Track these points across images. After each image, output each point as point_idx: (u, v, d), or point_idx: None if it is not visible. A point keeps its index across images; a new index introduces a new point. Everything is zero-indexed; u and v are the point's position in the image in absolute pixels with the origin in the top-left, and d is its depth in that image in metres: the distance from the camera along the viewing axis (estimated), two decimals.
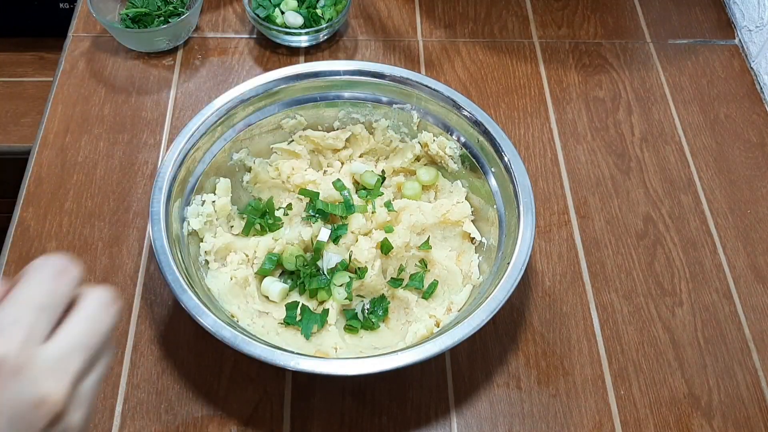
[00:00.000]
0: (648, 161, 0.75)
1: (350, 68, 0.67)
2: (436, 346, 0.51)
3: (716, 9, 0.89)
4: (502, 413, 0.58)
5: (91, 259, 0.64)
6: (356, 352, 0.58)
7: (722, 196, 0.73)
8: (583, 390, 0.60)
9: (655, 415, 0.59)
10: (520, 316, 0.63)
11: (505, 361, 0.61)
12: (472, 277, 0.62)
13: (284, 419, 0.57)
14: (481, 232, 0.65)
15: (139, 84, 0.77)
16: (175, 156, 0.59)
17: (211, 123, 0.62)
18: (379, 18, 0.85)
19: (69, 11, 0.89)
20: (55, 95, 0.76)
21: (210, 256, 0.61)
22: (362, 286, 0.61)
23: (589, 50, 0.84)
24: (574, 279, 0.66)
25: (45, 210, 0.67)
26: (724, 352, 0.63)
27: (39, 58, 1.14)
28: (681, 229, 0.70)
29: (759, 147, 0.77)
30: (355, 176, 0.68)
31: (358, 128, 0.69)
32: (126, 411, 0.57)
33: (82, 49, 0.80)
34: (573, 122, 0.77)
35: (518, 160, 0.61)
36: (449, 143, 0.67)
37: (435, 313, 0.60)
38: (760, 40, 0.82)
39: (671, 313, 0.65)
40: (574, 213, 0.71)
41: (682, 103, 0.80)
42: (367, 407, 0.58)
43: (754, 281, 0.67)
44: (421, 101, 0.66)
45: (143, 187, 0.69)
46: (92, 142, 0.72)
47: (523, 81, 0.81)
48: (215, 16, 0.84)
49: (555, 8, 0.88)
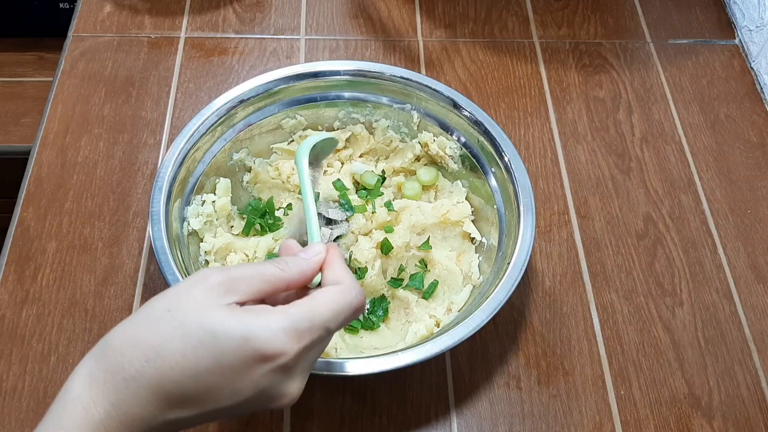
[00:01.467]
0: (648, 161, 0.75)
1: (350, 68, 0.67)
2: (436, 346, 0.51)
3: (716, 9, 0.89)
4: (502, 413, 0.58)
5: (91, 259, 0.64)
6: (356, 352, 0.58)
7: (722, 196, 0.73)
8: (584, 390, 0.60)
9: (655, 415, 0.59)
10: (521, 316, 0.63)
11: (506, 361, 0.61)
12: (472, 277, 0.62)
13: (284, 419, 0.57)
14: (482, 232, 0.65)
15: (139, 84, 0.77)
16: (175, 156, 0.59)
17: (211, 123, 0.62)
18: (379, 18, 0.85)
19: (69, 11, 0.89)
20: (55, 95, 0.76)
21: (210, 256, 0.61)
22: (362, 287, 0.61)
23: (589, 50, 0.84)
24: (575, 279, 0.66)
25: (45, 210, 0.67)
26: (724, 352, 0.63)
27: (39, 58, 1.14)
28: (681, 229, 0.70)
29: (759, 147, 0.77)
30: (355, 176, 0.68)
31: (358, 128, 0.69)
32: None
33: (82, 49, 0.80)
34: (573, 122, 0.77)
35: (518, 160, 0.61)
36: (449, 143, 0.67)
37: (435, 313, 0.60)
38: (760, 40, 0.82)
39: (671, 313, 0.65)
40: (574, 213, 0.71)
41: (682, 103, 0.80)
42: (367, 407, 0.58)
43: (754, 281, 0.67)
44: (421, 101, 0.66)
45: (143, 187, 0.69)
46: (92, 142, 0.72)
47: (524, 81, 0.81)
48: (215, 16, 0.84)
49: (555, 8, 0.88)
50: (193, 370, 0.35)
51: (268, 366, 0.36)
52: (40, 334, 0.60)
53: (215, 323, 0.36)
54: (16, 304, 0.61)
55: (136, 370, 0.35)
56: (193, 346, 0.35)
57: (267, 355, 0.36)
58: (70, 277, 0.63)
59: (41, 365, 0.58)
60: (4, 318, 0.60)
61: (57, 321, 0.60)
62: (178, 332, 0.36)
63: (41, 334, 0.60)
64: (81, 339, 0.60)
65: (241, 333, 0.36)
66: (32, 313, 0.61)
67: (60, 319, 0.61)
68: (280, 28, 0.84)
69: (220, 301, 0.37)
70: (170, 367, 0.35)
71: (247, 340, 0.36)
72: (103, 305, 0.62)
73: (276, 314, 0.37)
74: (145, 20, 0.83)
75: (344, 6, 0.86)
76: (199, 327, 0.36)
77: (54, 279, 0.63)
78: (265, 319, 0.37)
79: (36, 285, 0.62)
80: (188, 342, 0.35)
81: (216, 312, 0.36)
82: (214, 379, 0.36)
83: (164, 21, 0.83)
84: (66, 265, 0.64)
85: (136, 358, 0.35)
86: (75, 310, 0.61)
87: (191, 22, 0.83)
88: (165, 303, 0.37)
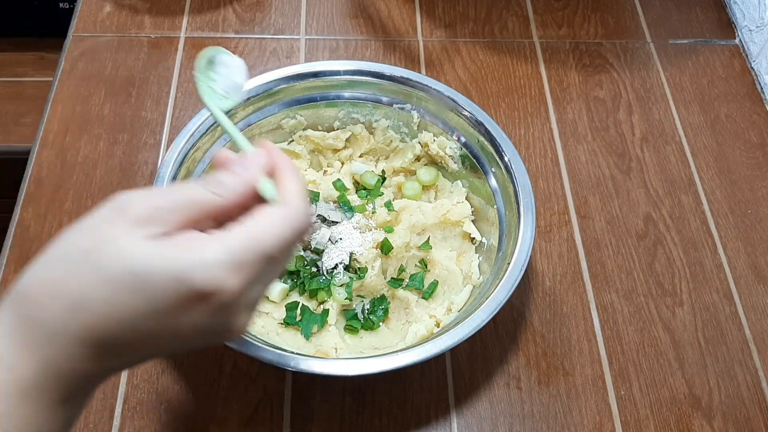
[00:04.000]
0: (648, 161, 0.75)
1: (350, 68, 0.66)
2: (436, 346, 0.51)
3: (717, 9, 0.89)
4: (503, 413, 0.58)
5: None
6: (356, 352, 0.58)
7: (723, 196, 0.73)
8: (584, 390, 0.60)
9: (655, 415, 0.59)
10: (521, 317, 0.63)
11: (506, 361, 0.61)
12: (472, 278, 0.62)
13: (284, 419, 0.57)
14: (482, 232, 0.65)
15: (139, 84, 0.77)
16: (175, 156, 0.59)
17: (211, 123, 0.62)
18: (379, 18, 0.85)
19: (69, 11, 0.89)
20: (55, 95, 0.76)
21: None
22: (362, 287, 0.61)
23: (589, 50, 0.84)
24: (575, 279, 0.66)
25: (45, 210, 0.67)
26: (724, 353, 0.63)
27: (39, 58, 1.14)
28: (681, 229, 0.70)
29: (759, 147, 0.77)
30: (355, 176, 0.68)
31: (358, 128, 0.69)
32: (126, 411, 0.57)
33: (82, 49, 0.80)
34: (573, 122, 0.77)
35: (518, 160, 0.61)
36: (449, 143, 0.67)
37: (435, 314, 0.60)
38: (760, 40, 0.82)
39: (672, 314, 0.65)
40: (574, 213, 0.70)
41: (682, 103, 0.80)
42: (367, 407, 0.58)
43: (754, 281, 0.67)
44: (422, 101, 0.66)
45: (143, 187, 0.69)
46: (92, 142, 0.72)
47: (524, 81, 0.81)
48: (215, 16, 0.84)
49: (555, 8, 0.88)
50: (123, 318, 0.32)
51: (207, 305, 0.33)
52: None
53: (141, 264, 0.31)
54: None
55: (59, 323, 0.31)
56: (118, 292, 0.31)
57: (204, 294, 0.32)
58: None
59: None
60: None
61: None
62: (98, 276, 0.32)
63: None
64: None
65: (172, 272, 0.32)
66: None
67: None
68: (280, 28, 0.84)
69: (139, 233, 0.32)
70: (96, 316, 0.31)
71: (180, 280, 0.32)
72: None
73: (210, 246, 0.33)
74: (145, 20, 0.83)
75: (344, 6, 0.86)
76: (123, 269, 0.31)
77: None
78: (199, 254, 0.32)
79: None
80: (112, 287, 0.31)
81: (139, 248, 0.32)
82: (148, 324, 0.32)
83: (164, 21, 0.83)
84: None
85: (57, 309, 0.31)
86: None
87: (191, 22, 0.83)
88: (80, 242, 0.33)
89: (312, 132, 0.69)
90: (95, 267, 0.32)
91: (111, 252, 0.32)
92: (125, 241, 0.32)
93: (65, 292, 0.32)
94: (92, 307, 0.31)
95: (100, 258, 0.32)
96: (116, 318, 0.32)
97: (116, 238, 0.32)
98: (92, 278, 0.32)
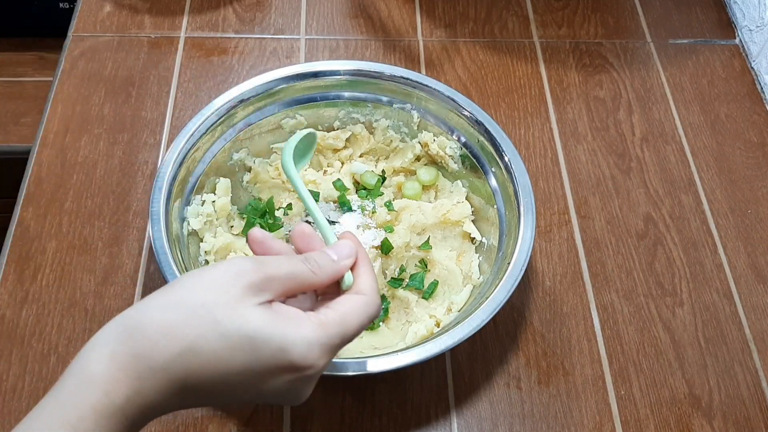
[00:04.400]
0: (648, 161, 0.75)
1: (350, 68, 0.66)
2: (436, 346, 0.51)
3: (717, 9, 0.89)
4: (503, 413, 0.58)
5: (91, 259, 0.64)
6: (356, 352, 0.58)
7: (723, 196, 0.73)
8: (584, 390, 0.60)
9: (655, 415, 0.59)
10: (521, 316, 0.63)
11: (506, 361, 0.61)
12: (472, 277, 0.62)
13: (284, 419, 0.57)
14: (482, 232, 0.65)
15: (139, 84, 0.77)
16: (175, 156, 0.59)
17: (211, 123, 0.62)
18: (379, 18, 0.85)
19: (69, 11, 0.89)
20: (55, 95, 0.76)
21: (210, 256, 0.61)
22: None
23: (589, 50, 0.84)
24: (575, 279, 0.66)
25: (45, 210, 0.67)
26: (724, 352, 0.63)
27: (39, 58, 1.14)
28: (681, 229, 0.70)
29: (759, 147, 0.77)
30: (355, 176, 0.68)
31: (358, 128, 0.69)
32: None
33: (82, 49, 0.80)
34: (573, 122, 0.77)
35: (518, 160, 0.61)
36: (449, 143, 0.67)
37: (435, 313, 0.60)
38: (760, 40, 0.82)
39: (672, 313, 0.65)
40: (574, 213, 0.70)
41: (682, 102, 0.80)
42: (367, 407, 0.58)
43: (754, 281, 0.67)
44: (422, 101, 0.66)
45: (143, 187, 0.69)
46: (92, 142, 0.72)
47: (524, 81, 0.81)
48: (215, 16, 0.84)
49: (555, 8, 0.88)
50: (223, 371, 0.36)
51: (296, 375, 0.37)
52: (40, 334, 0.60)
53: (254, 328, 0.36)
54: (15, 304, 0.61)
55: (165, 361, 0.35)
56: (229, 348, 0.35)
57: (298, 367, 0.37)
58: (70, 277, 0.63)
59: (41, 365, 0.58)
60: (3, 318, 0.60)
61: (57, 321, 0.60)
62: (215, 329, 0.35)
63: (41, 334, 0.60)
64: (81, 339, 0.60)
65: (279, 342, 0.36)
66: (32, 313, 0.61)
67: (60, 319, 0.61)
68: (280, 28, 0.84)
69: (254, 300, 0.37)
70: (201, 364, 0.35)
71: (284, 351, 0.36)
72: (103, 305, 0.62)
73: (312, 326, 0.38)
74: (145, 20, 0.83)
75: (344, 6, 0.86)
76: (238, 328, 0.36)
77: (54, 279, 0.63)
78: (304, 331, 0.37)
79: (36, 285, 0.62)
80: (225, 342, 0.35)
81: (252, 314, 0.36)
82: (240, 380, 0.36)
83: (164, 21, 0.83)
84: (66, 265, 0.64)
85: (168, 350, 0.35)
86: (75, 310, 0.61)
87: (191, 22, 0.83)
88: (198, 294, 0.37)
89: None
90: (213, 320, 0.36)
91: (229, 310, 0.36)
92: (242, 305, 0.36)
93: (180, 336, 0.35)
94: (201, 354, 0.35)
95: (218, 314, 0.36)
96: (217, 368, 0.36)
97: (234, 299, 0.36)
98: (208, 330, 0.35)
